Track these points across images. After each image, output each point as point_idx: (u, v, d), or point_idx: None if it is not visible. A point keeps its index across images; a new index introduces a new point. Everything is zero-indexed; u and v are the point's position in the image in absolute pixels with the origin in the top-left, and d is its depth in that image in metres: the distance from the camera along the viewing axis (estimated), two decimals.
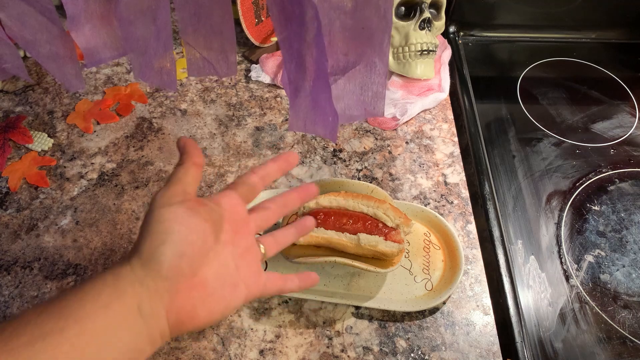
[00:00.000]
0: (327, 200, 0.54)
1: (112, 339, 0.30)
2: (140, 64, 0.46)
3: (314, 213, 0.53)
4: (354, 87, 0.41)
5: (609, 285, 0.59)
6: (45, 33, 0.43)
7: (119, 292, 0.31)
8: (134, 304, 0.31)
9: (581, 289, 0.59)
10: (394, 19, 0.73)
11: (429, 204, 0.64)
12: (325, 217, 0.52)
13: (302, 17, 0.37)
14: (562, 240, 0.63)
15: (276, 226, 0.57)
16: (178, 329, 0.34)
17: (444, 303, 0.56)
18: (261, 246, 0.42)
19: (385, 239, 0.51)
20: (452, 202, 0.65)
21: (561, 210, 0.66)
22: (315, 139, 0.70)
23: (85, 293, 0.31)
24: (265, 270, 0.58)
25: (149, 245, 0.33)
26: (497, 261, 0.60)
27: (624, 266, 0.61)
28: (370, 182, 0.64)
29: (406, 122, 0.73)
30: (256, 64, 0.78)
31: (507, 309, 0.56)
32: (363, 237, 0.50)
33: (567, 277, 0.60)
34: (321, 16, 0.35)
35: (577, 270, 0.61)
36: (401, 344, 0.53)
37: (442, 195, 0.65)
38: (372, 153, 0.69)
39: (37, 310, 0.29)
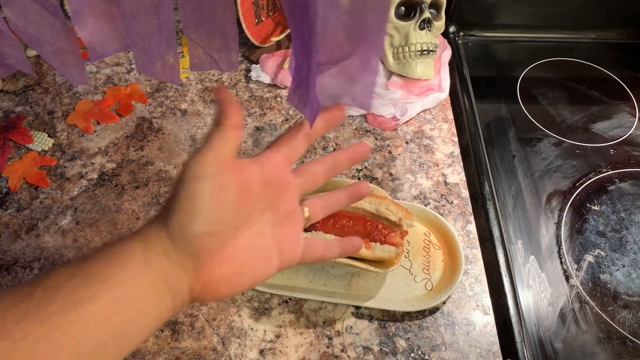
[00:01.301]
0: None
1: (139, 308, 0.30)
2: (143, 58, 0.46)
3: None
4: (345, 78, 0.41)
5: (609, 285, 0.59)
6: (49, 28, 0.43)
7: (147, 262, 0.31)
8: (161, 276, 0.31)
9: (581, 289, 0.59)
10: (394, 19, 0.73)
11: (429, 204, 0.64)
12: (325, 219, 0.52)
13: (305, 5, 0.37)
14: (562, 240, 0.63)
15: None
16: (200, 299, 0.34)
17: (444, 303, 0.56)
18: (305, 209, 0.40)
19: (384, 242, 0.51)
20: (452, 202, 0.65)
21: (561, 210, 0.66)
22: (315, 139, 0.70)
23: (115, 260, 0.30)
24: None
25: (178, 220, 0.32)
26: (497, 261, 0.60)
27: (624, 266, 0.61)
28: (370, 182, 0.65)
29: (406, 122, 0.73)
30: (256, 64, 0.78)
31: (507, 309, 0.56)
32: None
33: (567, 277, 0.60)
34: (318, 9, 0.35)
35: (577, 270, 0.61)
36: (401, 343, 0.53)
37: (442, 195, 0.65)
38: (372, 153, 0.69)
39: (68, 273, 0.29)
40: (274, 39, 0.80)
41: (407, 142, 0.71)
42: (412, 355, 0.53)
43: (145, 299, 0.31)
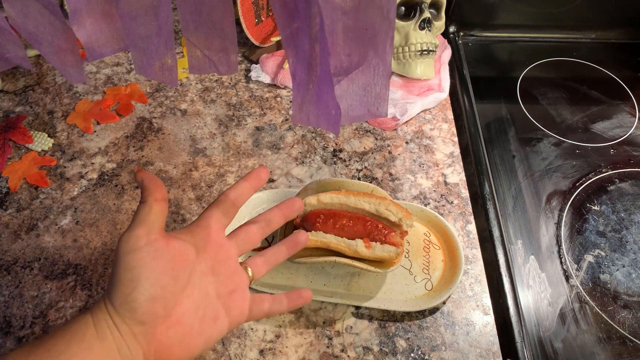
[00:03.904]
0: (329, 198, 0.54)
1: None
2: (142, 59, 0.46)
3: (315, 213, 0.53)
4: (357, 89, 0.41)
5: (609, 285, 0.59)
6: (49, 27, 0.43)
7: (100, 335, 0.33)
8: (114, 347, 0.33)
9: (581, 289, 0.59)
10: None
11: (429, 204, 0.64)
12: (325, 219, 0.52)
13: (306, 13, 0.37)
14: (562, 240, 0.63)
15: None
16: None
17: (444, 303, 0.56)
18: (248, 269, 0.42)
19: (384, 242, 0.51)
20: (452, 202, 0.65)
21: (561, 210, 0.66)
22: (315, 139, 0.70)
23: (71, 334, 0.32)
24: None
25: (120, 293, 0.34)
26: (497, 261, 0.60)
27: (624, 266, 0.61)
28: (370, 182, 0.65)
29: (406, 122, 0.73)
30: (256, 64, 0.78)
31: (507, 309, 0.56)
32: (360, 244, 0.50)
33: (567, 277, 0.60)
34: (324, 17, 0.35)
35: (577, 270, 0.61)
36: (401, 343, 0.53)
37: (442, 195, 0.65)
38: (372, 153, 0.69)
39: (25, 351, 0.31)
40: (274, 39, 0.80)
41: (407, 142, 0.71)
42: (412, 355, 0.53)
43: None
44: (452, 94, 0.77)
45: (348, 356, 0.53)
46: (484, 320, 0.55)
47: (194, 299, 0.37)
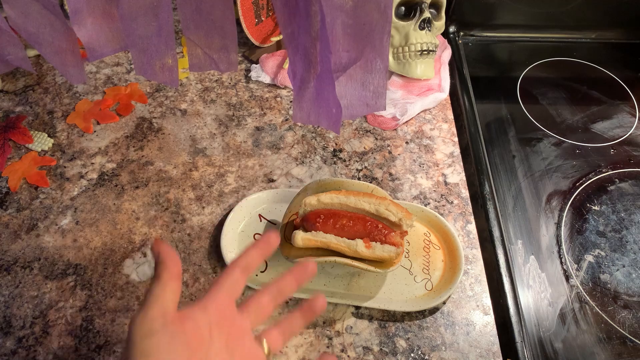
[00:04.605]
0: (329, 198, 0.54)
1: None
2: (142, 60, 0.46)
3: (315, 213, 0.53)
4: (355, 84, 0.41)
5: (609, 285, 0.59)
6: (49, 27, 0.43)
7: None
8: None
9: (581, 289, 0.59)
10: (394, 19, 0.73)
11: (429, 204, 0.64)
12: (325, 219, 0.52)
13: (307, 11, 0.37)
14: (562, 240, 0.63)
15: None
16: None
17: (444, 303, 0.56)
18: (264, 343, 0.39)
19: (384, 242, 0.51)
20: (452, 202, 0.65)
21: (561, 210, 0.66)
22: (315, 139, 0.70)
23: None
24: (265, 270, 0.58)
25: None
26: (497, 261, 0.60)
27: (624, 266, 0.61)
28: (370, 182, 0.65)
29: (406, 122, 0.73)
30: (256, 64, 0.78)
31: (507, 309, 0.56)
32: (360, 244, 0.50)
33: (567, 277, 0.60)
34: (325, 15, 0.35)
35: (577, 270, 0.61)
36: (401, 344, 0.53)
37: (442, 195, 0.65)
38: (372, 153, 0.69)
39: None
40: (274, 39, 0.80)
41: (407, 142, 0.71)
42: (412, 355, 0.53)
43: None
44: (452, 94, 0.77)
45: (348, 356, 0.53)
46: (484, 320, 0.55)
47: None
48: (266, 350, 0.38)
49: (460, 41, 0.86)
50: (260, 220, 0.62)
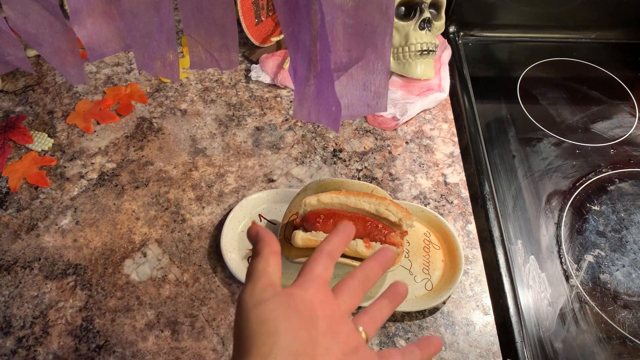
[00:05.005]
0: (329, 198, 0.54)
1: None
2: (144, 56, 0.47)
3: (315, 213, 0.53)
4: (357, 84, 0.42)
5: (609, 285, 0.59)
6: (49, 28, 0.43)
7: None
8: None
9: (581, 289, 0.59)
10: (394, 19, 0.73)
11: (429, 204, 0.64)
12: (325, 220, 0.52)
13: (307, 10, 0.37)
14: (562, 240, 0.63)
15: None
16: None
17: (444, 303, 0.56)
18: (360, 329, 0.37)
19: (384, 242, 0.51)
20: (452, 202, 0.65)
21: (561, 210, 0.66)
22: (315, 139, 0.70)
23: None
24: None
25: (258, 350, 0.30)
26: (497, 261, 0.60)
27: (624, 266, 0.61)
28: (370, 182, 0.65)
29: (406, 122, 0.73)
30: (256, 64, 0.78)
31: (507, 309, 0.56)
32: (360, 244, 0.50)
33: (567, 277, 0.60)
34: (325, 14, 0.35)
35: (577, 270, 0.61)
36: (401, 344, 0.53)
37: (442, 195, 0.65)
38: (372, 153, 0.69)
39: None
40: (274, 39, 0.80)
41: (407, 142, 0.71)
42: None
43: None
44: (452, 94, 0.77)
45: None
46: (484, 320, 0.55)
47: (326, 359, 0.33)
48: (364, 335, 0.37)
49: (460, 41, 0.86)
50: (260, 220, 0.62)
